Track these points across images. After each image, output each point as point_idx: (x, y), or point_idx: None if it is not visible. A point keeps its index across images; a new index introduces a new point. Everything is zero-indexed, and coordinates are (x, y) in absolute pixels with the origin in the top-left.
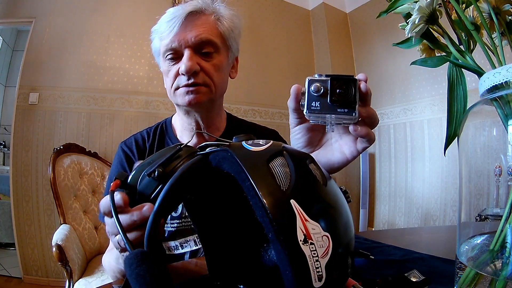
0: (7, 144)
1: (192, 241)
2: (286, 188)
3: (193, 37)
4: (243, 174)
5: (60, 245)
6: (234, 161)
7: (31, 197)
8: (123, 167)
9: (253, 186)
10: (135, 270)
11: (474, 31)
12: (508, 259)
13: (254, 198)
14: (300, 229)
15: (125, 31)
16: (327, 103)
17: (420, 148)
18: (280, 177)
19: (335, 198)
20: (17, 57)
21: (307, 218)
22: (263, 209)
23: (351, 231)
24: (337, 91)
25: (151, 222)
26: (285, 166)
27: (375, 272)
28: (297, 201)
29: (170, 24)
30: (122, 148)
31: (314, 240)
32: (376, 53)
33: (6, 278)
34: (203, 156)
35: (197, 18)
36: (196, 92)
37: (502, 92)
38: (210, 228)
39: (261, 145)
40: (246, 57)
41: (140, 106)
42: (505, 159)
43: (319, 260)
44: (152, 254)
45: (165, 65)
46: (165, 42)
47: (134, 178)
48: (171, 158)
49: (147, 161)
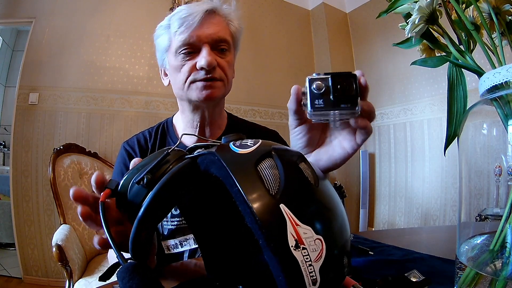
0: (7, 144)
1: (192, 239)
2: (275, 192)
3: (212, 33)
4: (230, 179)
5: (60, 245)
6: (221, 165)
7: (31, 197)
8: (126, 166)
9: (240, 192)
10: (127, 284)
11: (474, 31)
12: (508, 259)
13: (243, 204)
14: (291, 235)
15: (125, 31)
16: (330, 100)
17: (420, 148)
18: (268, 180)
19: (328, 199)
20: (17, 57)
21: (298, 222)
22: (252, 215)
23: (346, 231)
24: (339, 87)
25: (135, 229)
26: (274, 168)
27: (375, 272)
28: (287, 205)
29: (188, 20)
30: (124, 147)
31: (306, 245)
32: (376, 53)
33: (6, 278)
34: (191, 160)
35: (212, 17)
36: (213, 87)
37: (502, 92)
38: (204, 230)
39: (248, 146)
40: (246, 57)
41: (140, 106)
42: (505, 159)
43: (312, 264)
44: (144, 266)
45: (177, 61)
46: (181, 37)
47: (124, 186)
48: (160, 163)
49: (136, 167)
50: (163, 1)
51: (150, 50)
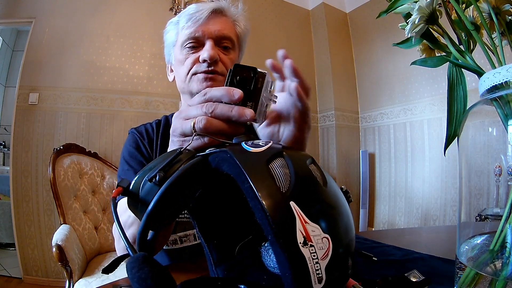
0: (7, 144)
1: (192, 235)
2: (285, 190)
3: (216, 30)
4: (242, 176)
5: (60, 245)
6: (233, 163)
7: (31, 197)
8: (138, 145)
9: (252, 188)
10: (136, 273)
11: (474, 31)
12: (508, 259)
13: (254, 200)
14: (300, 231)
15: (125, 31)
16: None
17: (420, 148)
18: (279, 178)
19: (335, 199)
20: (17, 57)
21: (307, 220)
22: (263, 211)
23: (351, 232)
24: (237, 79)
25: (143, 224)
26: (285, 167)
27: (375, 272)
28: (297, 203)
29: (195, 16)
30: (133, 133)
31: (314, 242)
32: (376, 53)
33: (6, 278)
34: (202, 158)
35: (219, 16)
36: (213, 80)
37: (502, 92)
38: (211, 227)
39: (260, 146)
40: (246, 57)
41: (140, 106)
42: (505, 159)
43: (319, 262)
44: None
45: (182, 54)
46: (187, 31)
47: (136, 184)
48: (172, 162)
49: (148, 166)
50: (163, 1)
51: (150, 50)
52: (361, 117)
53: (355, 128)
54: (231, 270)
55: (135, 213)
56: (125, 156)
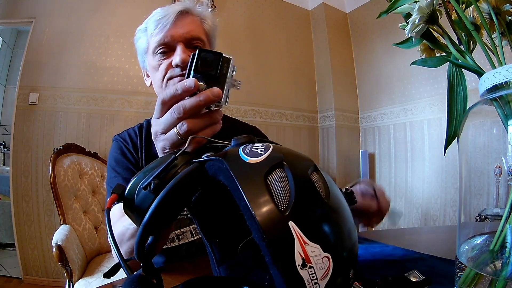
0: (7, 145)
1: (189, 232)
2: (284, 207)
3: (185, 32)
4: (238, 192)
5: (60, 246)
6: (229, 175)
7: (31, 197)
8: (123, 151)
9: (248, 207)
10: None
11: (474, 31)
12: (508, 259)
13: (250, 220)
14: (299, 253)
15: (125, 31)
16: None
17: (420, 148)
18: (278, 194)
19: (338, 214)
20: (17, 57)
21: (306, 240)
22: (259, 232)
23: (354, 245)
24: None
25: (140, 234)
26: (284, 181)
27: (375, 272)
28: (296, 222)
29: (162, 22)
30: (117, 140)
31: (314, 263)
32: (376, 53)
33: (6, 278)
34: (199, 164)
35: (185, 17)
36: None
37: (502, 92)
38: (213, 225)
39: (259, 154)
40: (246, 57)
41: (140, 106)
42: (505, 159)
43: (318, 282)
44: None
45: (155, 60)
46: (157, 38)
47: (130, 190)
48: (167, 167)
49: (143, 171)
50: (163, 1)
51: None
52: (361, 117)
53: (355, 128)
54: (234, 269)
55: (130, 217)
56: (111, 164)
